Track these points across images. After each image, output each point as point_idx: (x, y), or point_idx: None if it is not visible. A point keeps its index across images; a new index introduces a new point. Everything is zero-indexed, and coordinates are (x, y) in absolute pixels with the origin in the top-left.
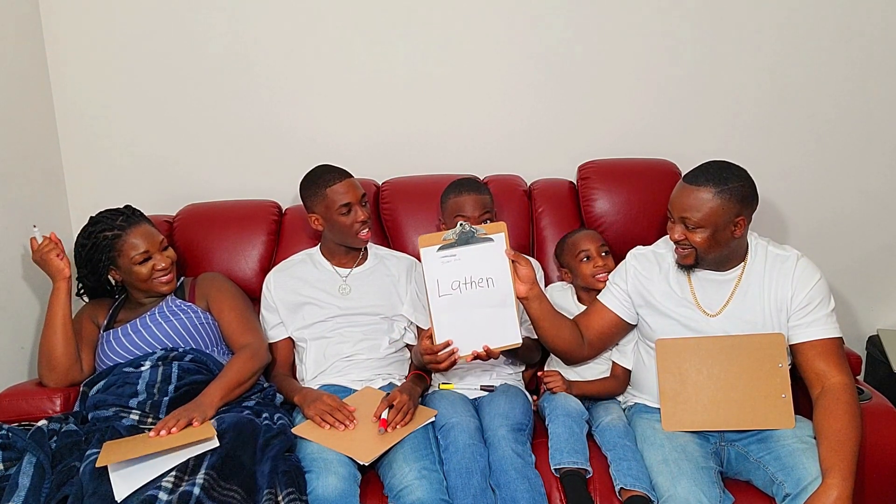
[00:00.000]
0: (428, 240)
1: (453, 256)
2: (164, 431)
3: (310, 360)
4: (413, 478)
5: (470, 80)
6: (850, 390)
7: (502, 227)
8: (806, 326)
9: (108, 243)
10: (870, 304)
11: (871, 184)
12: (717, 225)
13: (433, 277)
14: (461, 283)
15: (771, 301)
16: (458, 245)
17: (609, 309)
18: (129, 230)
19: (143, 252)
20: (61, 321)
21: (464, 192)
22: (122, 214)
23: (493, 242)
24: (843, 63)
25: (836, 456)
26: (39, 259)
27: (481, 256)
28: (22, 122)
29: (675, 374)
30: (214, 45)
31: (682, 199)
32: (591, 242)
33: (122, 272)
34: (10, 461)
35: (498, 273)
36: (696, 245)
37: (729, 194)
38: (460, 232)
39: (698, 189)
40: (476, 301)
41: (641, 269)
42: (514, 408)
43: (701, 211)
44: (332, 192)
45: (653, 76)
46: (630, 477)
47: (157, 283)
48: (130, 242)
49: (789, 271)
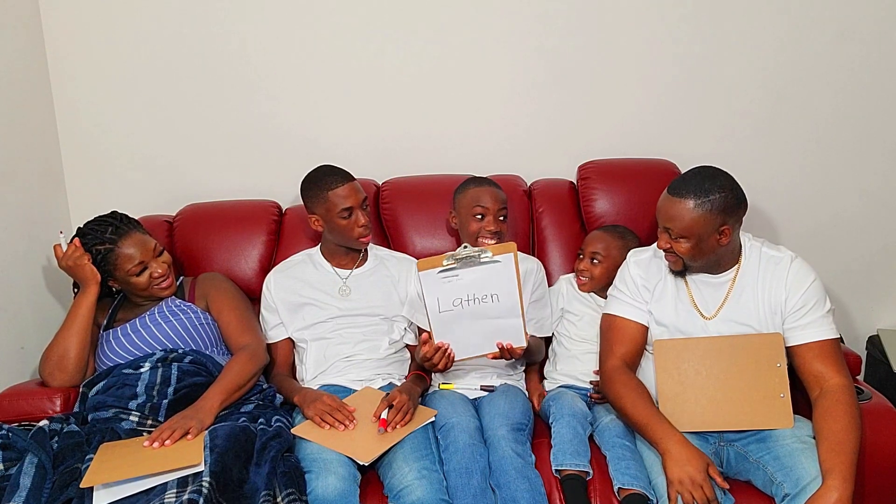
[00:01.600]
0: (426, 264)
1: (455, 277)
2: (157, 443)
3: (310, 360)
4: (413, 478)
5: (470, 81)
6: (849, 391)
7: (511, 247)
8: (802, 329)
9: (101, 257)
10: (870, 304)
11: (871, 184)
12: (700, 235)
13: (433, 295)
14: (463, 300)
15: (765, 303)
16: (458, 268)
17: (636, 322)
18: (121, 241)
19: (139, 263)
20: (84, 324)
21: (483, 184)
22: (111, 225)
23: (500, 264)
24: (842, 63)
25: (836, 457)
26: (70, 265)
27: (486, 276)
28: (22, 122)
29: (674, 375)
30: (215, 44)
31: (665, 210)
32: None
33: (119, 282)
34: (10, 461)
35: (504, 291)
36: (680, 254)
37: (710, 206)
38: (463, 256)
39: (680, 201)
40: (480, 313)
41: (642, 273)
42: (514, 408)
43: (683, 222)
44: (333, 196)
45: (653, 76)
46: (629, 476)
47: (156, 289)
48: (124, 254)
49: (783, 273)
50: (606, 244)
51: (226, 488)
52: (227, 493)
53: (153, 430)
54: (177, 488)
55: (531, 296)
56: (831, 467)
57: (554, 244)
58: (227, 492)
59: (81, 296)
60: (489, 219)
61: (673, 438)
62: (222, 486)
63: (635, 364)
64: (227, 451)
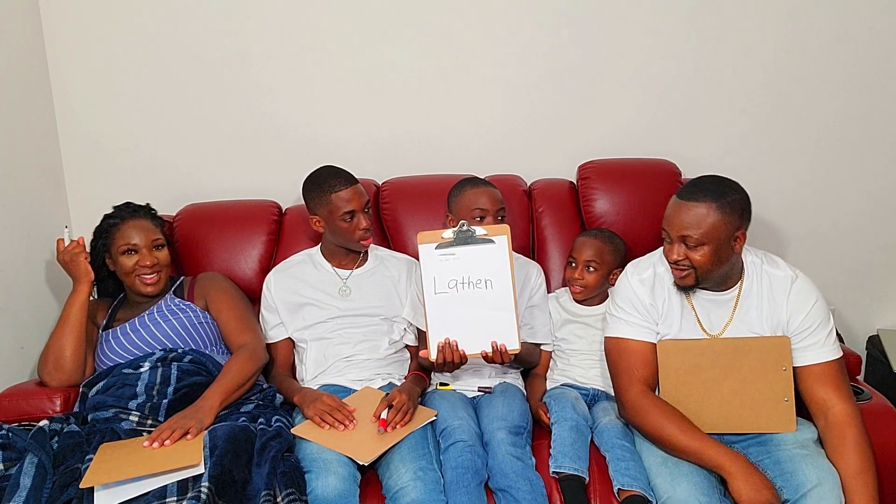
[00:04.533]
0: (427, 237)
1: (452, 255)
2: (156, 444)
3: (310, 360)
4: (409, 479)
5: (470, 80)
6: (853, 419)
7: (505, 229)
8: (804, 350)
9: (106, 228)
10: (870, 304)
11: (871, 184)
12: (720, 241)
13: (430, 274)
14: (458, 282)
15: (770, 322)
16: (457, 244)
17: (649, 342)
18: (128, 221)
19: (131, 244)
20: (77, 322)
21: (481, 184)
22: (131, 207)
23: (495, 244)
24: (842, 63)
25: (856, 495)
26: (67, 260)
27: (481, 257)
28: (22, 122)
29: (677, 377)
30: (215, 44)
31: (680, 217)
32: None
33: (112, 261)
34: (10, 461)
35: (498, 276)
36: (696, 264)
37: (730, 207)
38: (460, 231)
39: (697, 205)
40: (473, 302)
41: (648, 292)
42: (513, 410)
43: (701, 227)
44: (336, 198)
45: (653, 76)
46: (628, 477)
47: (138, 280)
48: (123, 232)
49: (784, 294)
50: (599, 250)
51: (227, 490)
52: (228, 495)
53: (153, 430)
54: (177, 494)
55: (529, 300)
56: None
57: (554, 244)
58: (228, 493)
59: (73, 294)
60: (488, 220)
61: (739, 461)
62: (223, 489)
63: (654, 387)
64: (226, 453)
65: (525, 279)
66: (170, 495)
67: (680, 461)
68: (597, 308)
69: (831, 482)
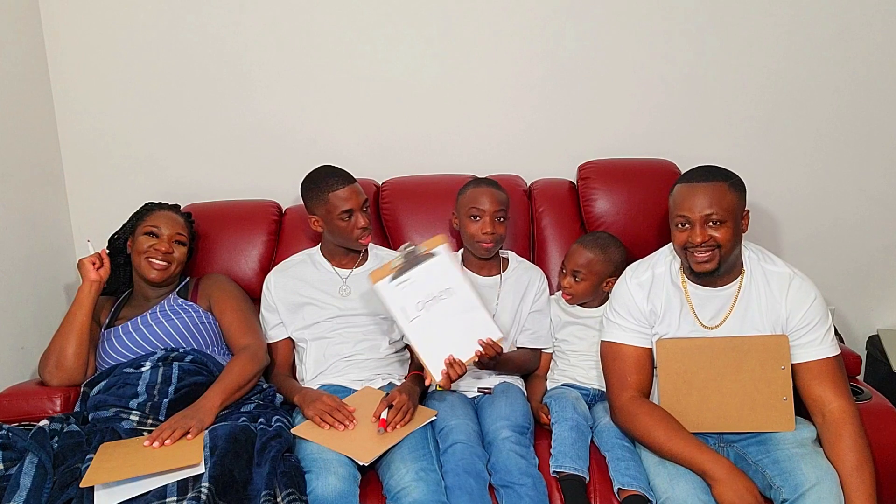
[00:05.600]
0: (378, 274)
1: (407, 281)
2: (157, 443)
3: (310, 360)
4: (410, 479)
5: (470, 81)
6: (850, 416)
7: (442, 238)
8: (802, 347)
9: (142, 211)
10: (870, 304)
11: (871, 184)
12: (736, 218)
13: (397, 306)
14: (423, 301)
15: (769, 318)
16: (406, 268)
17: (643, 348)
18: (164, 210)
19: (154, 227)
20: (82, 321)
21: (482, 184)
22: (174, 205)
23: (437, 256)
24: (842, 64)
25: (853, 491)
26: (84, 262)
27: (431, 272)
28: (22, 122)
29: (676, 375)
30: (215, 44)
31: (701, 197)
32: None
33: (132, 241)
34: (10, 461)
35: (453, 282)
36: (720, 242)
37: (738, 187)
38: (405, 254)
39: (713, 184)
40: (444, 313)
41: (645, 295)
42: (515, 410)
43: (724, 203)
44: (334, 198)
45: (653, 77)
46: (628, 477)
47: (146, 262)
48: (154, 215)
49: (783, 291)
50: (588, 261)
51: (227, 490)
52: (228, 495)
53: (153, 430)
54: (177, 494)
55: (532, 305)
56: (852, 501)
57: (554, 244)
58: (228, 493)
59: (78, 292)
60: (485, 220)
61: (723, 466)
62: (223, 489)
63: (648, 392)
64: (226, 453)
65: (528, 284)
66: (170, 495)
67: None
68: (597, 310)
69: (830, 481)
